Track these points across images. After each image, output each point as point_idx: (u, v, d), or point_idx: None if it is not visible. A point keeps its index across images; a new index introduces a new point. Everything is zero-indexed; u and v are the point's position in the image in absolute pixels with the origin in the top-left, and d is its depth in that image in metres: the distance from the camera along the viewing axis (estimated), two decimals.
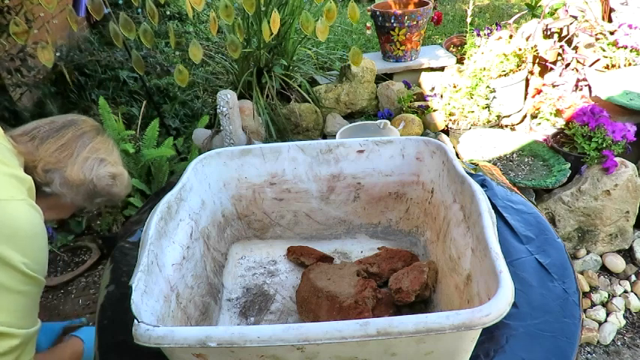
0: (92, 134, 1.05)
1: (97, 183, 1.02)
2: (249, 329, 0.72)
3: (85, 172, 1.00)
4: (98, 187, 1.03)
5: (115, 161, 1.08)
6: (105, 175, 1.04)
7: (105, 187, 1.05)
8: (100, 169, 1.03)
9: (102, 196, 1.06)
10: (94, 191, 1.03)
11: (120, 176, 1.08)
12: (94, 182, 1.02)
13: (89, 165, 1.01)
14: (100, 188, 1.04)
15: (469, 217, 1.02)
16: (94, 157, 1.03)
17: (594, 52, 2.64)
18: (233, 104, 1.80)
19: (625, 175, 2.11)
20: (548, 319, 0.96)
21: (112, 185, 1.06)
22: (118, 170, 1.08)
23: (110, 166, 1.06)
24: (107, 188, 1.05)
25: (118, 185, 1.08)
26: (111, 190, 1.07)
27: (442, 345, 0.77)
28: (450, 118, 2.87)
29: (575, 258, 2.20)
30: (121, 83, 3.07)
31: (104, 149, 1.06)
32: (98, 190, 1.04)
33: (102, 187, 1.04)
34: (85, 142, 1.02)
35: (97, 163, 1.03)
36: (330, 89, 3.08)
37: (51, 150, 0.98)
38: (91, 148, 1.03)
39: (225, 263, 1.35)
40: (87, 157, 1.02)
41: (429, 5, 3.21)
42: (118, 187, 1.08)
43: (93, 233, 2.49)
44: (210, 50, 3.52)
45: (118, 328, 1.03)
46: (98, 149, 1.05)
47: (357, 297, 1.05)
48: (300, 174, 1.37)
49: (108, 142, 1.09)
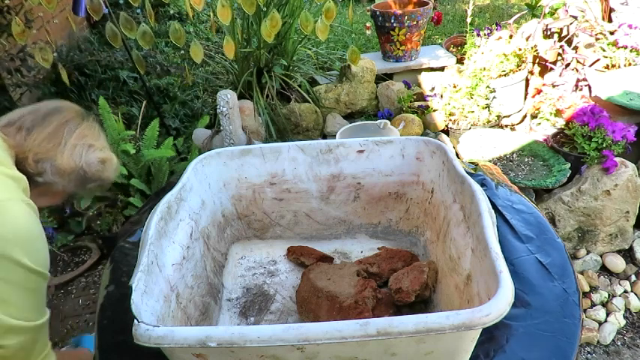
0: (77, 120, 1.05)
1: (87, 169, 1.03)
2: (249, 329, 0.72)
3: (75, 159, 1.01)
4: (89, 173, 1.04)
5: (102, 146, 1.08)
6: (94, 160, 1.04)
7: (95, 172, 1.05)
8: (89, 155, 1.03)
9: (93, 181, 1.07)
10: (85, 177, 1.04)
11: (109, 160, 1.09)
12: (85, 169, 1.02)
13: (78, 152, 1.02)
14: (90, 174, 1.04)
15: (469, 217, 1.02)
16: (82, 143, 1.03)
17: (594, 52, 2.64)
18: (233, 104, 1.80)
19: (625, 175, 2.11)
20: (548, 319, 0.96)
21: (102, 170, 1.07)
22: (106, 155, 1.08)
23: (99, 152, 1.06)
24: (98, 173, 1.06)
25: (108, 169, 1.09)
26: (102, 175, 1.07)
27: (442, 345, 0.77)
28: (450, 118, 2.87)
29: (575, 258, 2.20)
30: (121, 83, 3.07)
31: (91, 135, 1.06)
32: (89, 176, 1.04)
33: (92, 172, 1.04)
34: (71, 129, 1.02)
35: (85, 149, 1.03)
36: (330, 89, 3.08)
37: (39, 140, 0.97)
38: (78, 134, 1.03)
39: (225, 263, 1.35)
40: (75, 144, 1.01)
41: (429, 5, 3.21)
42: (107, 172, 1.09)
43: (93, 233, 2.49)
44: (210, 50, 3.52)
45: (118, 328, 1.03)
46: (85, 135, 1.05)
47: (357, 297, 1.05)
48: (300, 174, 1.37)
49: (94, 128, 1.09)
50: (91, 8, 1.85)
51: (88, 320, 2.07)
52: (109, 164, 1.09)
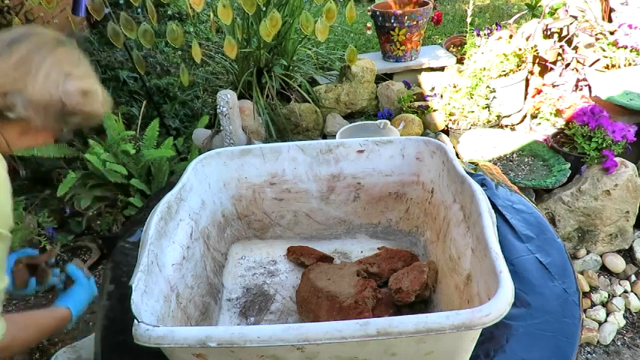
0: (52, 45, 0.92)
1: (65, 101, 0.90)
2: (249, 329, 0.72)
3: (49, 89, 0.88)
4: (69, 105, 0.91)
5: (83, 74, 0.95)
6: (73, 91, 0.91)
7: (76, 105, 0.93)
8: (67, 84, 0.91)
9: (75, 114, 0.94)
10: (65, 111, 0.92)
11: (93, 92, 0.96)
12: (63, 100, 0.90)
13: (53, 81, 0.89)
14: (71, 107, 0.92)
15: (469, 217, 1.02)
16: (57, 71, 0.90)
17: (594, 52, 2.64)
18: (233, 104, 1.80)
19: (625, 175, 2.11)
20: (548, 319, 0.96)
21: (84, 103, 0.94)
22: (88, 85, 0.95)
23: (78, 80, 0.93)
24: (79, 106, 0.93)
25: (92, 102, 0.96)
26: (84, 108, 0.95)
27: (442, 345, 0.77)
28: (450, 118, 2.87)
29: (575, 258, 2.20)
30: (121, 83, 3.07)
31: (69, 62, 0.93)
32: (69, 109, 0.92)
33: (73, 105, 0.92)
34: (43, 56, 0.89)
35: (62, 78, 0.90)
36: (330, 89, 3.08)
37: (4, 69, 0.86)
38: (52, 61, 0.90)
39: (225, 263, 1.35)
40: (48, 72, 0.89)
41: (429, 5, 3.21)
42: (92, 105, 0.96)
43: (93, 233, 2.48)
44: (210, 50, 3.52)
45: (118, 328, 1.03)
46: (61, 62, 0.91)
47: (357, 297, 1.05)
48: (300, 174, 1.37)
49: (73, 54, 0.96)
50: (93, 8, 1.85)
51: (88, 320, 2.07)
52: (92, 96, 0.96)
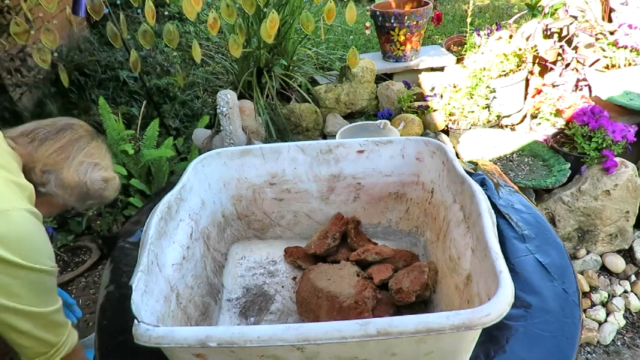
0: (88, 139, 1.11)
1: (90, 186, 1.08)
2: (249, 329, 0.72)
3: (79, 175, 1.06)
4: (91, 190, 1.08)
5: (107, 166, 1.14)
6: (98, 178, 1.09)
7: (97, 190, 1.10)
8: (94, 173, 1.09)
9: (93, 198, 1.12)
10: (87, 194, 1.09)
11: (112, 180, 1.14)
12: (88, 185, 1.07)
13: (84, 169, 1.07)
14: (92, 191, 1.09)
15: (469, 217, 1.02)
16: (88, 161, 1.08)
17: (594, 52, 2.64)
18: (233, 104, 1.80)
19: (625, 175, 2.11)
20: (548, 319, 0.96)
21: (104, 189, 1.12)
22: (110, 175, 1.14)
23: (103, 171, 1.11)
24: (99, 191, 1.11)
25: (109, 189, 1.14)
26: (103, 193, 1.12)
27: (442, 345, 0.77)
28: (450, 118, 2.87)
29: (575, 258, 2.20)
30: (121, 83, 3.07)
31: (98, 154, 1.12)
32: (91, 192, 1.09)
33: (94, 190, 1.09)
34: (81, 146, 1.08)
35: (91, 167, 1.08)
36: (330, 89, 3.08)
37: (49, 152, 1.03)
38: (86, 152, 1.08)
39: (225, 263, 1.35)
40: (82, 160, 1.07)
41: (429, 5, 3.21)
42: (109, 191, 1.14)
43: (93, 233, 2.49)
44: (210, 50, 3.52)
45: (118, 328, 1.03)
46: (93, 154, 1.10)
47: (357, 297, 1.05)
48: (300, 174, 1.37)
49: (102, 148, 1.15)
50: (92, 8, 1.85)
51: (88, 320, 2.07)
52: (111, 184, 1.14)
